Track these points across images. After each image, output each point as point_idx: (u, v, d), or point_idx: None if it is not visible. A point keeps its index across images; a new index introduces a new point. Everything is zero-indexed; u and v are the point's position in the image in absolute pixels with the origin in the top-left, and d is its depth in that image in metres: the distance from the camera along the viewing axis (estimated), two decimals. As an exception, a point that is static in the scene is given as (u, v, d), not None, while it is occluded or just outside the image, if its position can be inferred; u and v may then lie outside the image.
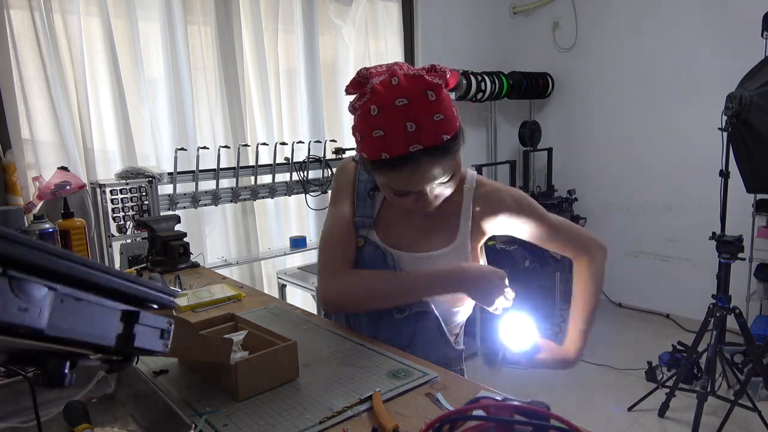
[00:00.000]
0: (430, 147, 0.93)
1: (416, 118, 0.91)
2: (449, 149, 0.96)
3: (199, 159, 2.74)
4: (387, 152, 0.94)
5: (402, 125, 0.92)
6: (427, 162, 0.95)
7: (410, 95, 0.92)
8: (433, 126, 0.92)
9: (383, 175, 1.00)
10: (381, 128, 0.93)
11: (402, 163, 0.94)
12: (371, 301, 1.11)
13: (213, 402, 0.88)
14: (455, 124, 0.97)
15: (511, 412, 0.54)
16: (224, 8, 2.96)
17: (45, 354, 0.57)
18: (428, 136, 0.92)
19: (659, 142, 3.93)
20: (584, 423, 0.77)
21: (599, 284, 1.19)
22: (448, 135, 0.94)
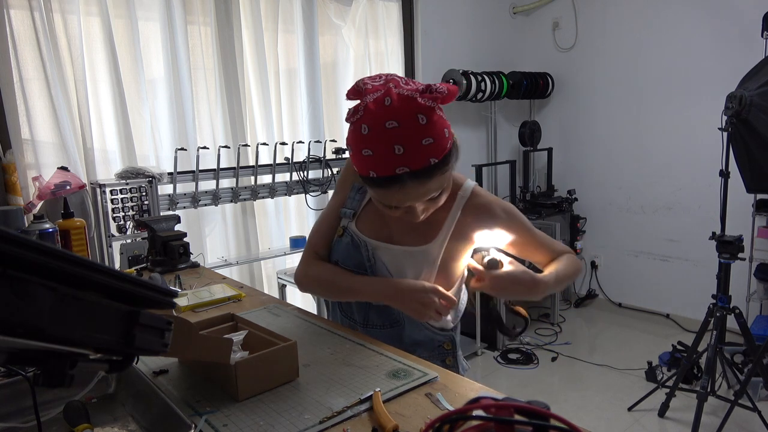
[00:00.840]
0: (417, 170, 0.94)
1: (405, 141, 0.93)
2: (436, 171, 0.97)
3: (199, 159, 2.74)
4: (375, 171, 0.96)
5: (390, 147, 0.93)
6: (413, 183, 0.96)
7: (400, 118, 0.93)
8: (421, 150, 0.93)
9: (372, 190, 1.04)
10: (370, 148, 0.95)
11: (388, 184, 0.97)
12: (325, 292, 1.27)
13: (213, 402, 0.88)
14: (445, 145, 0.97)
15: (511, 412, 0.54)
16: (224, 8, 2.96)
17: (45, 354, 0.57)
18: (415, 160, 0.94)
19: (659, 142, 3.93)
20: (584, 423, 0.77)
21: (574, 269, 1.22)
22: (437, 159, 0.95)
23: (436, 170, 0.97)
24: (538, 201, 4.18)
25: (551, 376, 3.31)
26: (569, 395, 3.07)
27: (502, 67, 4.23)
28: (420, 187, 0.98)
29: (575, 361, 3.45)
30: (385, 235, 1.18)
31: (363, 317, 1.22)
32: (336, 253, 1.21)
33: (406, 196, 0.99)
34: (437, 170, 0.97)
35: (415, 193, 0.98)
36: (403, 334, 1.21)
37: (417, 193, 0.99)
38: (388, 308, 1.19)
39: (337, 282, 1.18)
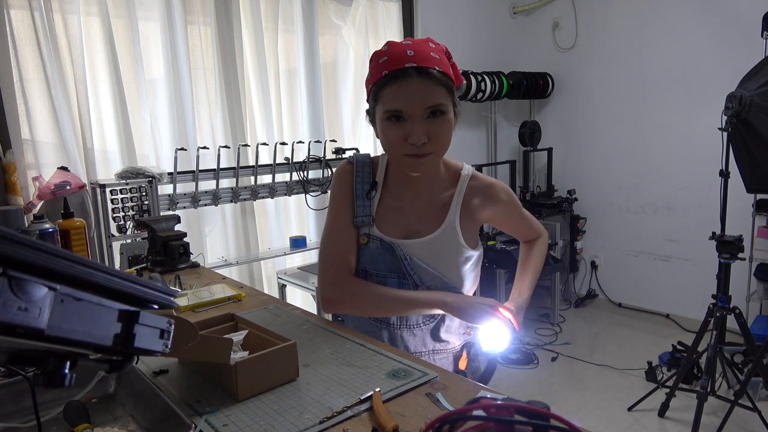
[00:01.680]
0: (422, 67, 1.06)
1: (416, 48, 1.09)
2: (439, 79, 1.07)
3: (199, 159, 2.74)
4: (387, 69, 1.08)
5: (404, 51, 1.08)
6: (416, 79, 1.06)
7: (414, 40, 1.12)
8: (428, 57, 1.08)
9: (381, 93, 1.09)
10: (386, 55, 1.10)
11: (396, 77, 1.06)
12: (366, 310, 1.24)
13: (213, 402, 0.88)
14: (450, 73, 1.11)
15: (511, 412, 0.54)
16: (224, 8, 2.96)
17: (45, 354, 0.57)
18: (422, 60, 1.07)
19: (659, 142, 3.93)
20: (584, 423, 0.77)
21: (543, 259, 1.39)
22: (440, 69, 1.08)
23: (439, 78, 1.07)
24: (538, 201, 4.18)
25: (551, 376, 3.31)
26: (569, 395, 3.07)
27: (502, 67, 4.23)
28: (422, 85, 1.06)
29: (575, 361, 3.45)
30: (404, 231, 1.22)
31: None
32: (363, 262, 1.22)
33: (409, 91, 1.06)
34: (439, 79, 1.07)
35: (418, 91, 1.06)
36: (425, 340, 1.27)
37: (419, 91, 1.06)
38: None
39: (387, 298, 1.18)
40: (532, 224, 1.38)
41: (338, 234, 1.22)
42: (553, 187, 4.45)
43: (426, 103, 1.06)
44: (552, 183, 4.45)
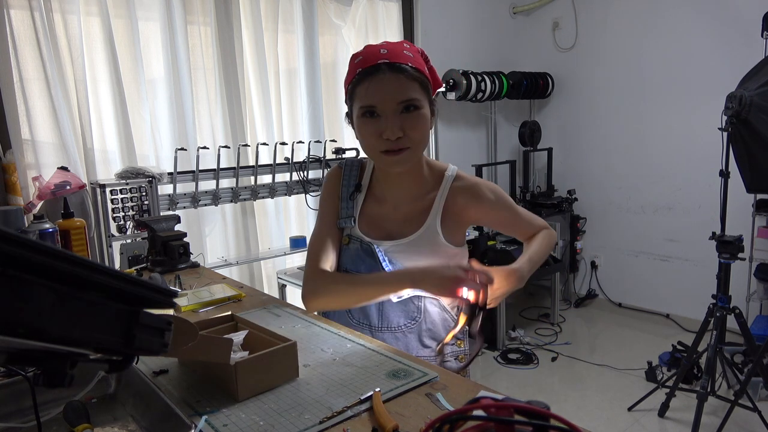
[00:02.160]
0: (394, 63, 1.08)
1: (390, 47, 1.12)
2: (412, 75, 1.09)
3: (199, 159, 2.74)
4: (361, 67, 1.10)
5: (377, 50, 1.11)
6: (390, 74, 1.08)
7: (391, 43, 1.14)
8: (401, 54, 1.10)
9: (356, 91, 1.11)
10: (361, 55, 1.13)
11: (370, 72, 1.09)
12: (342, 299, 1.20)
13: (213, 402, 0.88)
14: (424, 72, 1.13)
15: (511, 412, 0.54)
16: (224, 8, 2.96)
17: (45, 354, 0.57)
18: (394, 57, 1.10)
19: (659, 142, 3.93)
20: (584, 423, 0.77)
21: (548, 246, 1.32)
22: (413, 65, 1.10)
23: (411, 73, 1.09)
24: (538, 201, 4.18)
25: (551, 376, 3.31)
26: (569, 395, 3.07)
27: (502, 67, 4.23)
28: (394, 81, 1.08)
29: (575, 361, 3.45)
30: (386, 233, 1.23)
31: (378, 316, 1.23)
32: (344, 263, 1.24)
33: (381, 86, 1.08)
34: (412, 74, 1.09)
35: (390, 86, 1.08)
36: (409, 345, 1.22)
37: (392, 87, 1.08)
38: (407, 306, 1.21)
39: (357, 282, 1.18)
40: (531, 221, 1.35)
41: (320, 235, 1.27)
42: (553, 187, 4.45)
43: (399, 98, 1.08)
44: (552, 183, 4.45)
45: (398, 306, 1.22)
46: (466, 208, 1.22)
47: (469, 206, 1.22)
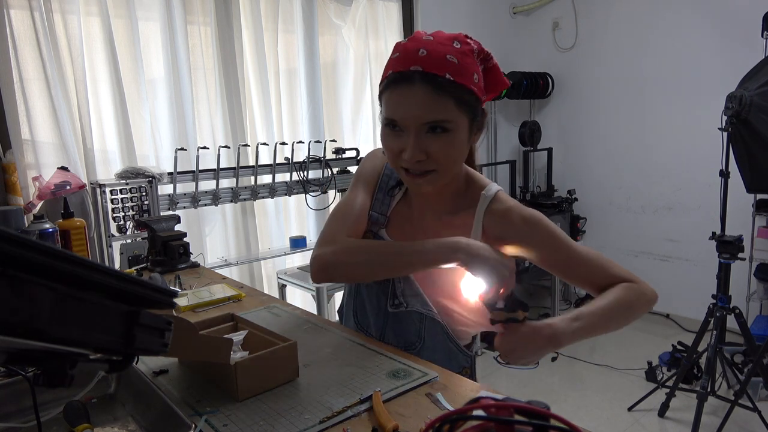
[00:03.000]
0: (429, 73, 0.91)
1: (431, 48, 0.93)
2: (447, 90, 0.91)
3: (199, 159, 2.74)
4: (393, 68, 0.95)
5: (416, 49, 0.93)
6: (420, 87, 0.91)
7: (438, 36, 0.96)
8: (442, 60, 0.91)
9: (383, 97, 0.98)
10: (400, 51, 0.96)
11: (399, 79, 0.94)
12: (361, 266, 1.04)
13: (213, 402, 0.88)
14: (468, 81, 0.93)
15: (511, 412, 0.54)
16: (224, 8, 2.96)
17: (45, 354, 0.57)
18: (432, 64, 0.91)
19: (659, 142, 3.93)
20: (584, 423, 0.77)
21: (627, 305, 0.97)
22: (453, 77, 0.91)
23: (448, 88, 0.91)
24: (538, 201, 4.18)
25: (551, 376, 3.31)
26: (569, 395, 3.07)
27: (502, 67, 4.16)
28: (425, 96, 0.91)
29: (575, 361, 3.45)
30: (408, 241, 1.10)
31: (379, 333, 1.14)
32: None
33: (408, 100, 0.92)
34: (448, 89, 0.91)
35: (419, 101, 0.91)
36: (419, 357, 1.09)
37: (421, 102, 0.91)
38: (407, 327, 1.10)
39: (388, 247, 1.04)
40: (603, 267, 1.03)
41: (352, 204, 1.11)
42: (553, 187, 4.45)
43: (423, 118, 0.92)
44: (552, 183, 4.45)
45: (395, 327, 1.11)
46: (496, 238, 1.04)
47: (497, 235, 1.04)
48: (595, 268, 1.03)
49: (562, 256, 1.03)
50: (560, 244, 1.03)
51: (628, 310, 0.98)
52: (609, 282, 1.02)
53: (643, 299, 1.00)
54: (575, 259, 1.03)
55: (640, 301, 0.99)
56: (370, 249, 1.05)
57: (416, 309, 1.09)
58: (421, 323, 1.09)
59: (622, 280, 1.01)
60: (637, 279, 1.03)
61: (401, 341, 1.11)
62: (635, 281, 1.02)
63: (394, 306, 1.10)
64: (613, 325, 0.98)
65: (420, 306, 1.08)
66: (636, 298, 0.99)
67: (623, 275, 1.03)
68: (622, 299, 0.97)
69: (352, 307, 1.20)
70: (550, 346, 0.92)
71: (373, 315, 1.15)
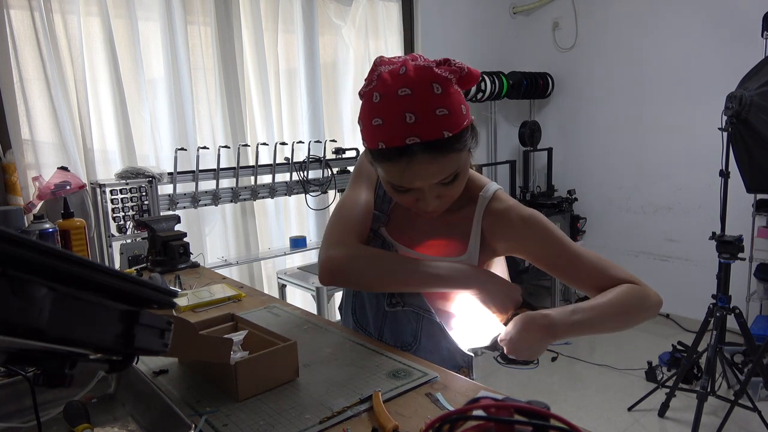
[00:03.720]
0: (428, 141, 0.87)
1: (417, 109, 0.87)
2: (450, 147, 0.90)
3: (199, 159, 2.74)
4: (384, 142, 0.89)
5: (401, 115, 0.87)
6: (423, 157, 0.89)
7: (414, 86, 0.87)
8: (433, 120, 0.87)
9: (381, 166, 0.95)
10: (380, 117, 0.89)
11: (397, 155, 0.89)
12: (373, 277, 1.03)
13: (213, 402, 0.88)
14: (462, 122, 0.90)
15: (511, 412, 0.54)
16: (224, 8, 2.97)
17: (45, 354, 0.57)
18: (427, 130, 0.87)
19: (659, 142, 3.93)
20: (584, 423, 0.77)
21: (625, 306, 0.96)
22: (450, 132, 0.88)
23: (450, 146, 0.89)
24: (538, 201, 4.18)
25: (551, 376, 3.31)
26: (569, 395, 3.07)
27: (502, 67, 4.23)
28: (431, 163, 0.89)
29: (575, 361, 3.45)
30: (409, 239, 1.11)
31: (378, 332, 1.14)
32: None
33: (416, 173, 0.90)
34: (451, 146, 0.89)
35: (426, 169, 0.90)
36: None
37: (428, 171, 0.90)
38: (404, 327, 1.10)
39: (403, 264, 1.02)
40: (602, 269, 1.02)
41: (356, 202, 1.10)
42: (553, 187, 4.45)
43: (435, 180, 0.93)
44: (552, 183, 4.45)
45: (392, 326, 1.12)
46: (495, 238, 1.04)
47: (496, 235, 1.04)
48: (595, 270, 1.02)
49: (562, 256, 1.02)
50: (559, 245, 1.02)
51: (628, 309, 0.97)
52: (610, 284, 1.01)
53: (647, 302, 0.99)
54: (575, 260, 1.02)
55: (643, 304, 0.98)
56: (385, 261, 1.04)
57: (413, 309, 1.08)
58: (418, 324, 1.09)
59: (624, 283, 1.01)
60: (639, 281, 1.01)
61: (398, 341, 1.11)
62: (638, 283, 1.01)
63: (392, 305, 1.10)
64: (612, 323, 0.97)
65: (418, 306, 1.08)
66: (638, 300, 0.98)
67: (625, 277, 1.02)
68: (622, 298, 0.97)
69: (351, 306, 1.20)
70: (547, 337, 0.92)
71: (372, 314, 1.15)
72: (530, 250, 1.04)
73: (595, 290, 1.02)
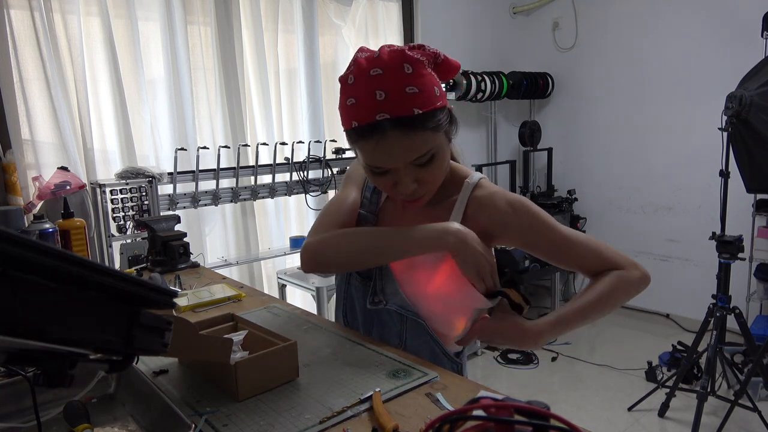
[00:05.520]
0: (398, 117, 0.89)
1: (387, 86, 0.89)
2: (421, 125, 0.91)
3: (199, 159, 2.74)
4: (357, 120, 0.92)
5: (372, 93, 0.89)
6: (394, 133, 0.90)
7: (385, 66, 0.90)
8: (404, 97, 0.89)
9: (356, 146, 0.97)
10: (353, 96, 0.92)
11: (369, 132, 0.91)
12: (350, 253, 1.05)
13: (213, 402, 0.88)
14: (434, 102, 0.92)
15: (511, 412, 0.54)
16: (224, 8, 2.97)
17: (45, 354, 0.57)
18: (397, 107, 0.89)
19: (659, 142, 3.93)
20: (584, 423, 0.77)
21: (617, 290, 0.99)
22: (421, 109, 0.90)
23: (421, 123, 0.90)
24: (538, 201, 4.18)
25: (551, 376, 3.31)
26: (569, 395, 3.07)
27: (502, 67, 4.23)
28: (402, 140, 0.90)
29: (575, 361, 3.45)
30: None
31: (367, 334, 1.15)
32: None
33: (387, 150, 0.92)
34: (421, 123, 0.90)
35: (397, 147, 0.91)
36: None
37: (399, 148, 0.91)
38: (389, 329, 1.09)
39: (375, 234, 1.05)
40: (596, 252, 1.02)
41: (344, 201, 1.14)
42: (553, 187, 4.45)
43: (409, 158, 0.93)
44: (552, 183, 4.45)
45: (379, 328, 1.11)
46: (480, 225, 1.02)
47: (480, 221, 1.03)
48: (586, 252, 1.02)
49: (550, 240, 1.02)
50: (547, 228, 1.01)
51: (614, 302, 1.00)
52: (601, 266, 1.02)
53: (632, 291, 1.01)
54: (564, 243, 1.02)
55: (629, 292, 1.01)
56: (357, 236, 1.06)
57: (395, 308, 1.08)
58: (402, 325, 1.09)
59: (614, 264, 1.01)
60: (626, 263, 1.02)
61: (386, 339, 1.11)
62: (625, 266, 1.02)
63: (374, 303, 1.09)
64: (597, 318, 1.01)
65: (399, 305, 1.07)
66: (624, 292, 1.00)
67: (615, 258, 1.02)
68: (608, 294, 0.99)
69: (342, 308, 1.21)
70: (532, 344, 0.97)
71: (361, 315, 1.16)
72: (518, 236, 1.03)
73: (587, 272, 1.04)
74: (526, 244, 1.04)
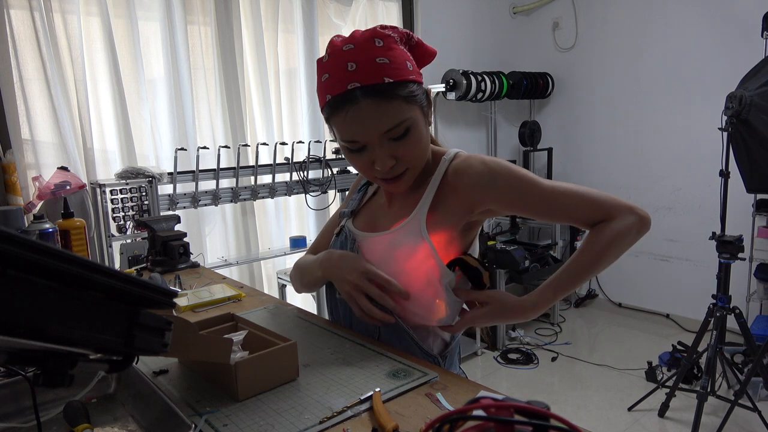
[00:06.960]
0: (369, 86, 0.90)
1: (358, 58, 0.91)
2: (392, 93, 0.91)
3: (199, 159, 2.74)
4: (330, 93, 0.94)
5: (344, 66, 0.91)
6: (365, 102, 0.90)
7: (357, 41, 0.93)
8: (374, 66, 0.90)
9: (331, 121, 0.98)
10: (328, 71, 0.95)
11: (342, 102, 0.92)
12: (296, 282, 1.27)
13: (213, 402, 0.88)
14: (405, 74, 0.93)
15: (511, 412, 0.54)
16: (224, 8, 2.97)
17: (45, 354, 0.57)
18: (367, 75, 0.90)
19: (659, 142, 3.93)
20: (584, 423, 0.77)
21: (610, 243, 0.94)
22: (391, 78, 0.91)
23: (392, 91, 0.91)
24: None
25: (551, 376, 3.31)
26: (569, 395, 3.07)
27: (502, 67, 4.23)
28: (374, 109, 0.91)
29: (575, 361, 3.45)
30: (373, 224, 1.12)
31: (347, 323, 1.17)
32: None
33: (359, 120, 0.92)
34: (392, 92, 0.91)
35: (369, 116, 0.91)
36: None
37: (372, 117, 0.91)
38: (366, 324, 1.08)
39: (301, 265, 1.22)
40: (586, 200, 0.97)
41: (326, 226, 1.30)
42: (553, 187, 4.45)
43: (380, 129, 0.92)
44: (552, 183, 4.45)
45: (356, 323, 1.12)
46: (456, 190, 1.00)
47: (459, 189, 1.00)
48: (577, 202, 0.98)
49: (536, 195, 0.98)
50: (529, 184, 0.98)
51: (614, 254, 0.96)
52: (595, 214, 0.97)
53: (629, 238, 0.96)
54: (551, 196, 0.98)
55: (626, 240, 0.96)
56: (296, 268, 1.25)
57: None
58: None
59: (609, 210, 0.97)
60: (622, 207, 0.97)
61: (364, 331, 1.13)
62: (621, 211, 0.96)
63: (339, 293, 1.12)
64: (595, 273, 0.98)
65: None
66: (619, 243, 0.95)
67: (609, 203, 0.97)
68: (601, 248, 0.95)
69: (327, 304, 1.25)
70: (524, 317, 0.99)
71: (341, 307, 1.18)
72: (500, 196, 0.99)
73: (583, 223, 1.00)
74: (511, 204, 1.00)
